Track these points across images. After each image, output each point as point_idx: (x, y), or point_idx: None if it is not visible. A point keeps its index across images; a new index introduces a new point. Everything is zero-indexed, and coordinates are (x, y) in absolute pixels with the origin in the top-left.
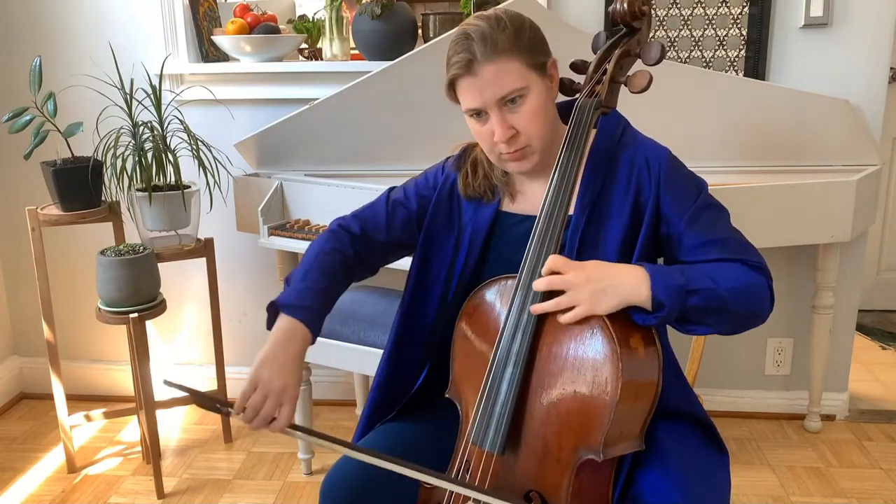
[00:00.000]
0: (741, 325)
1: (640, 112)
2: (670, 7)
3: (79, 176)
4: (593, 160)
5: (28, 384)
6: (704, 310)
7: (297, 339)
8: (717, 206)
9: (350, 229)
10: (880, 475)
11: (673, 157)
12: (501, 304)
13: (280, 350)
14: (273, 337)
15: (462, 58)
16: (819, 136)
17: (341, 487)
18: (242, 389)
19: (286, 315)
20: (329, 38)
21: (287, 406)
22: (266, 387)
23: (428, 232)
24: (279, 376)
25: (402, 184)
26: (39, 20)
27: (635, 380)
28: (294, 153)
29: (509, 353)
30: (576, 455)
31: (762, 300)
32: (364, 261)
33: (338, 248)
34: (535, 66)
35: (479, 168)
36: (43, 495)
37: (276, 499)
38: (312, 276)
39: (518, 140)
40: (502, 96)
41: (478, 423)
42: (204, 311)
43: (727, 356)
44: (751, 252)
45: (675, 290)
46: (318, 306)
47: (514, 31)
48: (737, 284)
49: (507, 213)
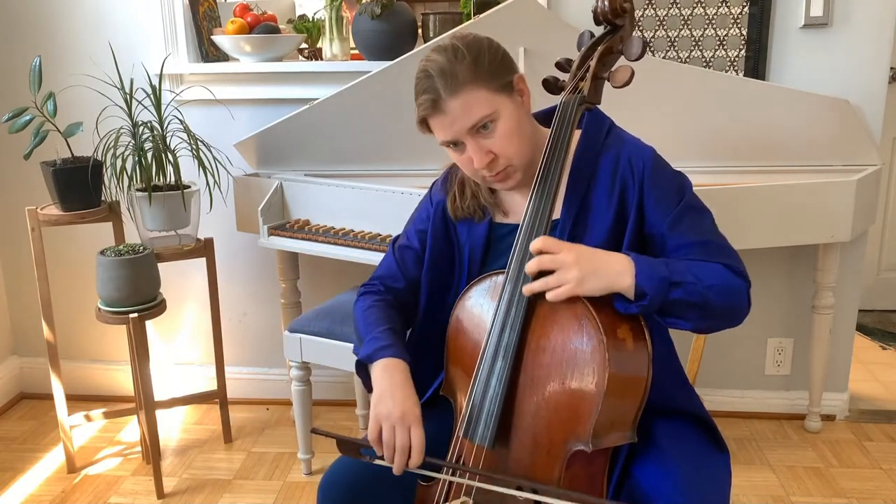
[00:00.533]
0: (718, 323)
1: (639, 112)
2: (670, 7)
3: (79, 176)
4: (578, 162)
5: (28, 384)
6: (686, 304)
7: (397, 369)
8: (700, 209)
9: (374, 288)
10: (880, 475)
11: (657, 157)
12: (491, 299)
13: (385, 385)
14: (375, 383)
15: (426, 98)
16: (819, 136)
17: (339, 487)
18: (370, 437)
19: (374, 362)
20: (329, 38)
21: (415, 429)
22: (388, 420)
23: (431, 260)
24: (395, 405)
25: (403, 230)
26: (39, 20)
27: (623, 372)
28: (294, 153)
29: (498, 347)
30: (565, 446)
31: (740, 302)
32: (404, 305)
33: (376, 299)
34: (500, 89)
35: (467, 188)
36: (43, 495)
37: (276, 499)
38: (371, 327)
39: (498, 163)
40: (472, 125)
41: (468, 417)
42: (204, 311)
43: (727, 356)
44: (732, 256)
45: (658, 281)
46: (393, 341)
47: (473, 59)
48: (718, 283)
49: (499, 225)
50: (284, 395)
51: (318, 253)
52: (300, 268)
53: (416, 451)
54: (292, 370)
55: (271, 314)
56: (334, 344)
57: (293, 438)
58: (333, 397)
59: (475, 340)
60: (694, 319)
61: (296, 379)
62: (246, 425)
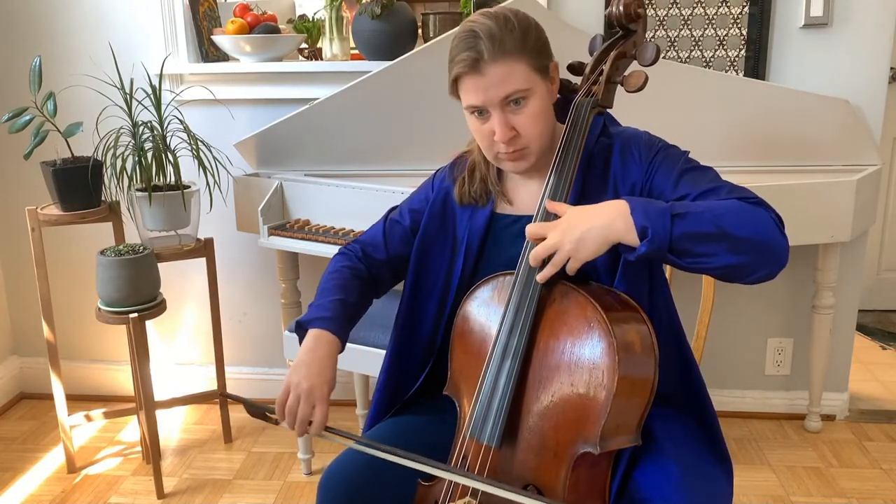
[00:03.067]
0: (756, 258)
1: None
2: (670, 7)
3: (79, 176)
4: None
5: (28, 384)
6: (699, 236)
7: (322, 343)
8: (701, 167)
9: (352, 251)
10: (880, 475)
11: (650, 136)
12: (499, 299)
13: (306, 356)
14: (301, 348)
15: (468, 56)
16: (819, 136)
17: (340, 483)
18: (277, 402)
19: (310, 329)
20: (329, 37)
21: (319, 406)
22: (296, 389)
23: (421, 243)
24: (306, 377)
25: (399, 205)
26: (39, 20)
27: (632, 374)
28: (294, 153)
29: (507, 347)
30: (573, 448)
31: (769, 230)
32: (375, 278)
33: (346, 264)
34: (539, 69)
35: (477, 171)
36: (43, 495)
37: (276, 499)
38: (327, 293)
39: (518, 141)
40: (506, 96)
41: (476, 417)
42: (204, 311)
43: (727, 356)
44: (746, 191)
45: (657, 213)
46: (336, 315)
47: (522, 32)
48: (733, 210)
49: (501, 215)
50: None
51: (318, 253)
52: (300, 268)
53: (316, 425)
54: None
55: (271, 314)
56: None
57: (293, 438)
58: (333, 397)
59: (483, 341)
60: (719, 254)
61: None
62: (246, 425)
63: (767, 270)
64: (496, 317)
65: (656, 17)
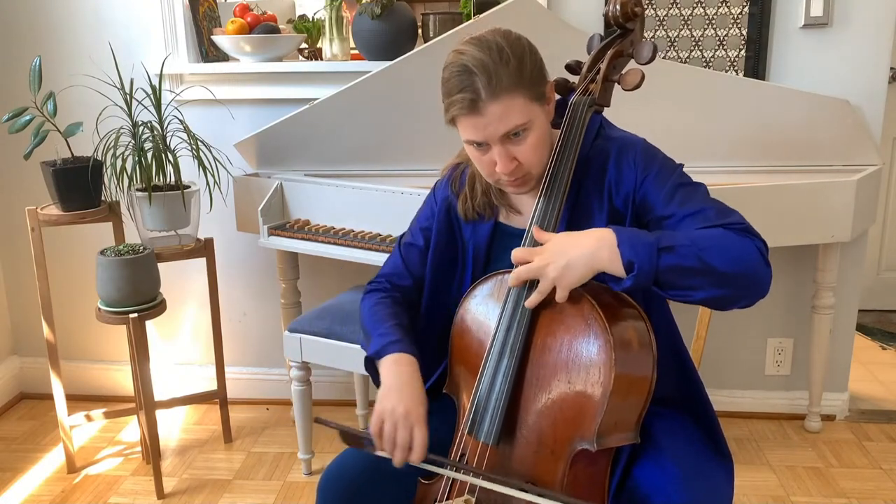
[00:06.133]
0: (737, 292)
1: (640, 112)
2: (670, 7)
3: (79, 176)
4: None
5: (28, 384)
6: (684, 270)
7: (403, 364)
8: (692, 184)
9: (380, 285)
10: (880, 475)
11: (647, 146)
12: (497, 298)
13: (393, 381)
14: (383, 377)
15: (464, 97)
16: (819, 136)
17: (339, 483)
18: (372, 430)
19: (383, 358)
20: (329, 37)
21: (418, 429)
22: (392, 416)
23: (434, 256)
24: (399, 402)
25: (408, 228)
26: (39, 20)
27: (629, 372)
28: (294, 153)
29: (504, 345)
30: (570, 445)
31: (752, 261)
32: (409, 301)
33: (381, 296)
34: (536, 98)
35: (478, 184)
36: (43, 495)
37: (276, 499)
38: (379, 324)
39: (520, 169)
40: (506, 132)
41: (473, 414)
42: (204, 312)
43: (727, 356)
44: (733, 216)
45: (643, 247)
46: (402, 336)
47: (518, 62)
48: (718, 244)
49: (505, 226)
50: (284, 395)
51: (318, 253)
52: (300, 268)
53: (417, 450)
54: (292, 370)
55: (271, 314)
56: (334, 344)
57: (293, 438)
58: (333, 397)
59: (481, 339)
60: (703, 287)
61: (296, 379)
62: (246, 425)
63: (748, 301)
64: (494, 315)
65: (656, 17)
